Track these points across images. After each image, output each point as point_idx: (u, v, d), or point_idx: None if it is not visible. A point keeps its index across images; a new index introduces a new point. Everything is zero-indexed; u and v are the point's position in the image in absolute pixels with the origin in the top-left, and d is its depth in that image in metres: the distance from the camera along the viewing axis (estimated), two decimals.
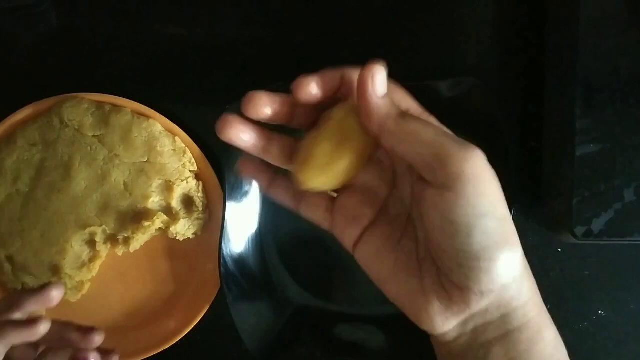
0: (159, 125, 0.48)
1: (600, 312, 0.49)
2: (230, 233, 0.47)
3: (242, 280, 0.48)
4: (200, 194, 0.49)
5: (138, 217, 0.48)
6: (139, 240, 0.48)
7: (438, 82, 0.45)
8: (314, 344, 0.49)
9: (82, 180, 0.48)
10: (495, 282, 0.27)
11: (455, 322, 0.28)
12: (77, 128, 0.48)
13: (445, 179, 0.26)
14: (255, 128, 0.30)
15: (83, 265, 0.49)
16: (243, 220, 0.48)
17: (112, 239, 0.49)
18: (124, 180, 0.48)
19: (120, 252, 0.48)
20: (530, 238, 0.49)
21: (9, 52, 0.51)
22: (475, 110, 0.45)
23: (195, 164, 0.49)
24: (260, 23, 0.50)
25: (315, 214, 0.32)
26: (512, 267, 0.27)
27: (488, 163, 0.26)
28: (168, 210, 0.48)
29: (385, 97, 0.28)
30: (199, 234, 0.50)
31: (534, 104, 0.49)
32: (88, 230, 0.48)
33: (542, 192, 0.49)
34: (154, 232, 0.48)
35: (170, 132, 0.49)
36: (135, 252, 0.48)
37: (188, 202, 0.49)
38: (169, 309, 0.50)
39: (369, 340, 0.49)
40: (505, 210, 0.27)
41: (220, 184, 0.49)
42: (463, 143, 0.26)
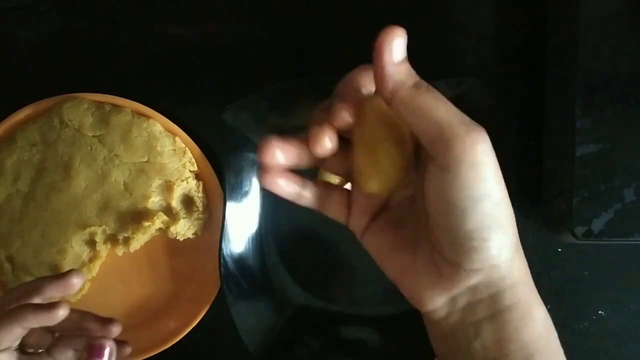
0: (159, 125, 0.48)
1: (600, 312, 0.49)
2: (230, 233, 0.47)
3: (242, 280, 0.48)
4: (200, 194, 0.49)
5: (138, 217, 0.48)
6: (139, 240, 0.48)
7: (438, 82, 0.45)
8: (314, 344, 0.49)
9: (82, 180, 0.48)
10: (485, 261, 0.27)
11: (444, 298, 0.29)
12: (77, 128, 0.48)
13: (447, 160, 0.26)
14: (291, 176, 0.31)
15: (83, 265, 0.49)
16: (243, 220, 0.48)
17: (112, 239, 0.49)
18: (124, 180, 0.48)
19: (120, 252, 0.48)
20: (530, 238, 0.49)
21: (9, 52, 0.51)
22: (475, 110, 0.44)
23: (195, 164, 0.49)
24: (260, 23, 0.50)
25: (337, 211, 0.32)
26: (503, 249, 0.27)
27: (491, 147, 0.26)
28: (168, 210, 0.48)
29: (403, 63, 0.27)
30: (199, 234, 0.50)
31: (534, 104, 0.49)
32: (88, 230, 0.48)
33: (542, 192, 0.49)
34: (154, 232, 0.48)
35: (170, 132, 0.49)
36: (135, 252, 0.48)
37: (188, 202, 0.49)
38: (169, 309, 0.50)
39: (369, 340, 0.49)
40: (503, 194, 0.27)
41: (220, 184, 0.49)
42: (470, 126, 0.26)
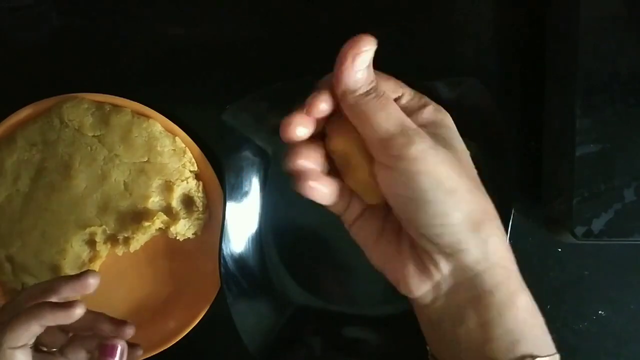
0: (159, 125, 0.48)
1: (600, 312, 0.49)
2: (230, 233, 0.47)
3: (242, 280, 0.48)
4: (200, 194, 0.49)
5: (138, 217, 0.48)
6: (139, 240, 0.48)
7: (438, 82, 0.45)
8: (314, 344, 0.49)
9: (82, 180, 0.48)
10: (451, 247, 0.29)
11: (428, 284, 0.30)
12: (77, 128, 0.48)
13: (386, 160, 0.28)
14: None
15: (83, 265, 0.49)
16: (243, 220, 0.48)
17: (112, 239, 0.49)
18: (124, 180, 0.48)
19: (120, 252, 0.48)
20: (530, 238, 0.49)
21: (9, 52, 0.51)
22: (475, 110, 0.45)
23: (195, 164, 0.49)
24: (260, 23, 0.50)
25: (339, 206, 0.33)
26: (467, 233, 0.28)
27: (430, 147, 0.28)
28: (168, 210, 0.48)
29: (362, 72, 0.29)
30: (199, 234, 0.50)
31: (534, 104, 0.49)
32: (88, 230, 0.48)
33: (542, 192, 0.49)
34: (154, 232, 0.48)
35: (170, 132, 0.49)
36: (135, 252, 0.48)
37: (188, 202, 0.49)
38: (169, 309, 0.50)
39: (369, 340, 0.49)
40: (456, 182, 0.28)
41: (220, 184, 0.49)
42: (406, 130, 0.28)
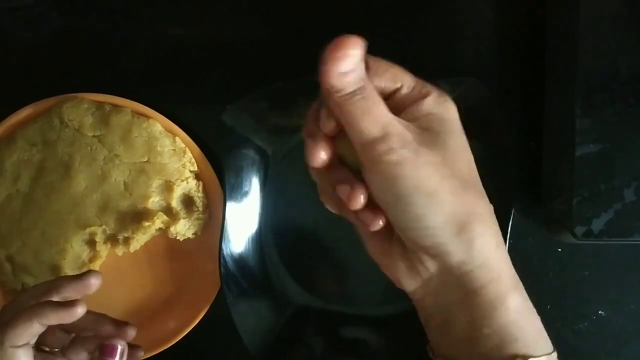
0: (159, 125, 0.48)
1: (600, 312, 0.49)
2: (230, 233, 0.47)
3: (242, 280, 0.48)
4: (200, 194, 0.49)
5: (138, 217, 0.48)
6: (139, 240, 0.48)
7: (438, 82, 0.45)
8: (314, 344, 0.49)
9: (82, 180, 0.48)
10: (435, 248, 0.29)
11: (418, 281, 0.31)
12: (77, 128, 0.48)
13: (367, 163, 0.29)
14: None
15: (83, 265, 0.49)
16: (243, 220, 0.48)
17: (112, 239, 0.49)
18: (124, 180, 0.48)
19: (120, 252, 0.48)
20: (530, 238, 0.49)
21: (9, 52, 0.51)
22: (475, 110, 0.45)
23: (195, 164, 0.49)
24: (260, 23, 0.50)
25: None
26: (449, 236, 0.28)
27: (415, 153, 0.28)
28: (168, 210, 0.48)
29: (349, 73, 0.28)
30: (199, 234, 0.50)
31: (534, 104, 0.49)
32: (88, 230, 0.48)
33: (542, 192, 0.49)
34: (154, 232, 0.48)
35: (170, 132, 0.49)
36: (135, 252, 0.48)
37: (188, 202, 0.49)
38: (169, 309, 0.50)
39: (369, 340, 0.49)
40: (438, 185, 0.28)
41: (220, 184, 0.49)
42: (390, 141, 0.28)
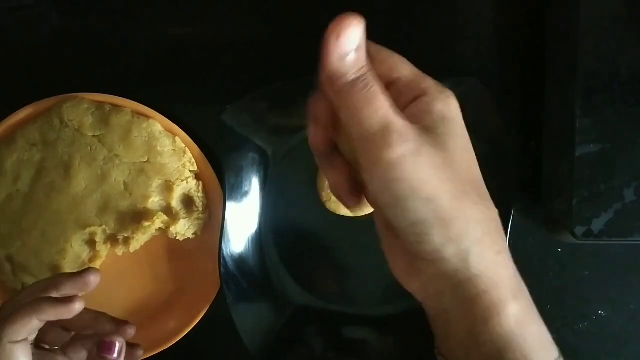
0: (159, 125, 0.48)
1: (600, 312, 0.49)
2: (230, 233, 0.47)
3: (242, 280, 0.48)
4: (200, 194, 0.49)
5: (138, 217, 0.48)
6: (139, 240, 0.48)
7: (438, 82, 0.45)
8: (314, 344, 0.49)
9: (82, 180, 0.48)
10: (432, 255, 0.28)
11: (418, 283, 0.30)
12: (77, 128, 0.48)
13: (364, 162, 0.27)
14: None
15: (83, 266, 0.49)
16: (243, 220, 0.48)
17: (112, 239, 0.49)
18: (124, 180, 0.48)
19: (120, 252, 0.48)
20: (530, 238, 0.49)
21: (9, 52, 0.51)
22: (476, 110, 0.45)
23: (195, 164, 0.49)
24: (260, 23, 0.50)
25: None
26: (446, 244, 0.27)
27: (413, 149, 0.26)
28: (168, 210, 0.48)
29: (350, 56, 0.26)
30: (199, 234, 0.50)
31: (534, 104, 0.49)
32: (88, 230, 0.48)
33: (542, 192, 0.49)
34: (154, 232, 0.48)
35: (170, 132, 0.49)
36: (135, 252, 0.48)
37: (188, 202, 0.49)
38: (169, 309, 0.50)
39: (369, 340, 0.49)
40: (437, 189, 0.26)
41: (220, 184, 0.49)
42: (390, 137, 0.26)
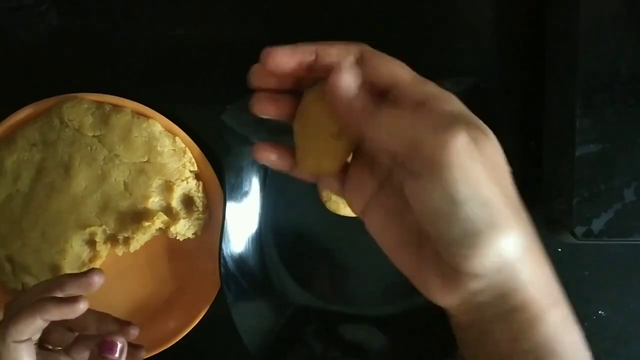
0: (159, 125, 0.48)
1: (600, 312, 0.49)
2: (230, 233, 0.47)
3: (242, 280, 0.48)
4: (200, 194, 0.49)
5: (138, 217, 0.48)
6: (139, 240, 0.48)
7: (438, 82, 0.45)
8: (314, 344, 0.49)
9: (82, 180, 0.48)
10: (483, 267, 0.26)
11: (456, 297, 0.28)
12: (77, 128, 0.48)
13: (420, 167, 0.26)
14: (281, 150, 0.31)
15: (83, 265, 0.49)
16: (243, 220, 0.48)
17: (112, 239, 0.49)
18: (124, 180, 0.48)
19: (120, 252, 0.48)
20: None
21: (9, 52, 0.51)
22: (475, 110, 0.45)
23: (195, 164, 0.49)
24: (260, 23, 0.50)
25: (331, 186, 0.32)
26: (502, 252, 0.26)
27: (471, 144, 0.25)
28: (168, 210, 0.48)
29: (357, 94, 0.27)
30: (199, 234, 0.50)
31: (534, 104, 0.49)
32: (88, 230, 0.48)
33: (542, 192, 0.49)
34: (154, 232, 0.48)
35: (170, 132, 0.49)
36: (135, 252, 0.48)
37: (188, 202, 0.49)
38: (169, 309, 0.50)
39: (369, 340, 0.49)
40: (492, 192, 0.26)
41: (220, 184, 0.49)
42: (440, 128, 0.25)
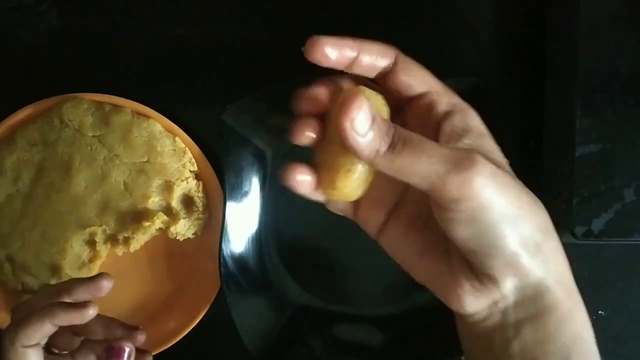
0: (159, 125, 0.48)
1: (600, 312, 0.49)
2: (230, 233, 0.47)
3: (242, 280, 0.48)
4: (200, 194, 0.49)
5: (138, 217, 0.48)
6: (139, 240, 0.48)
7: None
8: (314, 344, 0.49)
9: (82, 180, 0.48)
10: (518, 273, 0.27)
11: (486, 302, 0.28)
12: (77, 128, 0.48)
13: (445, 204, 0.26)
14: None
15: (83, 265, 0.49)
16: (243, 220, 0.48)
17: (112, 239, 0.49)
18: (124, 180, 0.48)
19: (120, 252, 0.48)
20: None
21: (9, 52, 0.51)
22: (475, 110, 0.45)
23: (195, 164, 0.49)
24: (260, 23, 0.50)
25: (341, 206, 0.31)
26: (534, 257, 0.27)
27: (489, 169, 0.26)
28: (168, 210, 0.48)
29: (369, 132, 0.26)
30: (199, 234, 0.50)
31: (534, 104, 0.49)
32: (88, 230, 0.48)
33: (542, 192, 0.48)
34: (154, 232, 0.48)
35: (170, 132, 0.49)
36: (135, 252, 0.48)
37: (188, 202, 0.49)
38: (169, 309, 0.50)
39: (369, 340, 0.49)
40: (518, 207, 0.27)
41: (220, 184, 0.49)
42: (458, 162, 0.25)
